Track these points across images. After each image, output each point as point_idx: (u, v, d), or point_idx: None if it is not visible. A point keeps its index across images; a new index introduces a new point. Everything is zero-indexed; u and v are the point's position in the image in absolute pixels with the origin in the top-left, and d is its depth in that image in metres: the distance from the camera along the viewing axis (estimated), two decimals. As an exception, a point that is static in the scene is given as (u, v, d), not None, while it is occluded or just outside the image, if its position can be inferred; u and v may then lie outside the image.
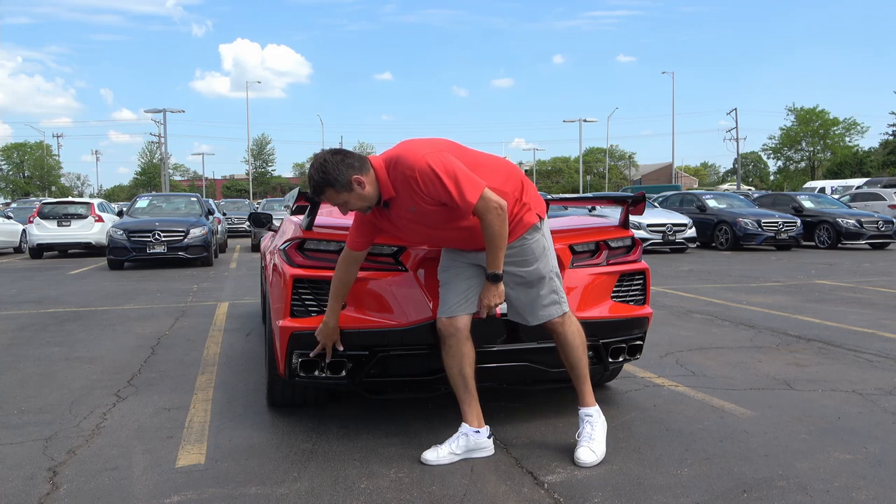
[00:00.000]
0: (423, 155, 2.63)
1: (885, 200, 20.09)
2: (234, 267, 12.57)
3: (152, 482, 2.69)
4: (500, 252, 2.73)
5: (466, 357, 2.91)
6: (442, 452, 2.88)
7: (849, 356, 4.82)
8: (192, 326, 6.19)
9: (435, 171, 2.59)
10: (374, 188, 2.70)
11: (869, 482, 2.65)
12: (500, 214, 2.66)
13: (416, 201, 2.69)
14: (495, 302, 2.83)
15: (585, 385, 3.00)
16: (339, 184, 2.64)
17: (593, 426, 2.94)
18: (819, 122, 62.41)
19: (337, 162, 2.64)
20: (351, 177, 2.64)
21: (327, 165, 2.64)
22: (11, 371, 4.56)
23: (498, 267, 2.77)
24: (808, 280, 9.63)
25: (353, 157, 2.68)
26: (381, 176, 2.70)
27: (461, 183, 2.60)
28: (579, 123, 54.75)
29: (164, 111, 46.29)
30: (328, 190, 2.67)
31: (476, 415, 2.95)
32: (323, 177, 2.64)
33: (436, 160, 2.62)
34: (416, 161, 2.62)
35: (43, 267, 13.04)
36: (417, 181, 2.62)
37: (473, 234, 2.79)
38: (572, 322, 2.97)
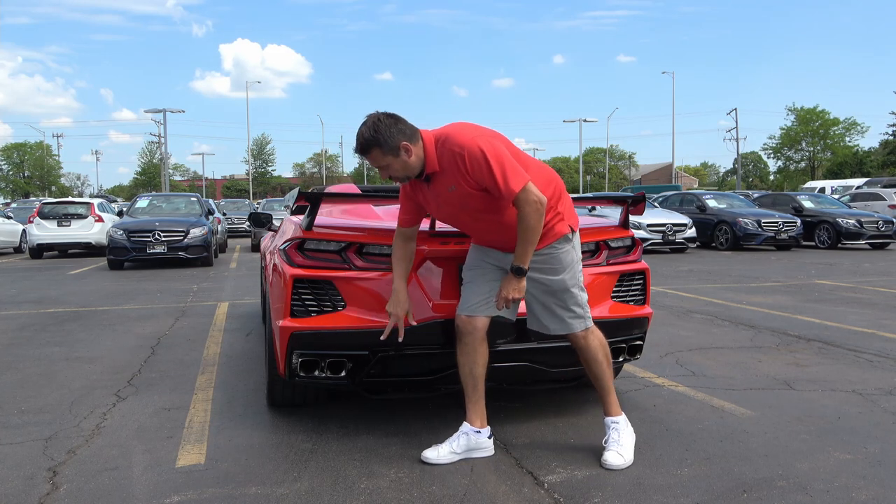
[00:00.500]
0: (474, 137, 2.66)
1: (885, 200, 20.09)
2: (234, 267, 12.57)
3: (152, 482, 2.69)
4: (529, 247, 2.72)
5: (480, 357, 2.92)
6: (442, 451, 2.88)
7: (849, 356, 4.82)
8: (192, 326, 6.19)
9: (484, 154, 2.61)
10: (420, 160, 2.73)
11: (869, 482, 2.65)
12: (539, 209, 2.66)
13: (458, 181, 2.70)
14: (514, 296, 2.80)
15: (610, 396, 2.99)
16: (388, 146, 2.67)
17: (620, 433, 2.91)
18: (819, 122, 62.42)
19: (390, 124, 2.67)
20: (400, 142, 2.67)
21: (380, 125, 2.66)
22: (11, 371, 4.56)
23: (524, 261, 2.75)
24: (808, 280, 9.63)
25: (405, 124, 2.71)
26: (429, 149, 2.72)
27: (507, 170, 2.62)
28: (579, 123, 54.80)
29: (164, 111, 46.34)
30: (374, 150, 2.68)
31: (479, 415, 2.95)
32: (373, 135, 2.65)
33: (486, 144, 2.64)
34: (467, 141, 2.65)
35: (43, 267, 13.04)
36: (465, 160, 2.64)
37: (505, 230, 2.80)
38: (595, 336, 2.96)
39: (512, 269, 2.78)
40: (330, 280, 3.08)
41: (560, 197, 2.88)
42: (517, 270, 2.77)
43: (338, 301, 3.08)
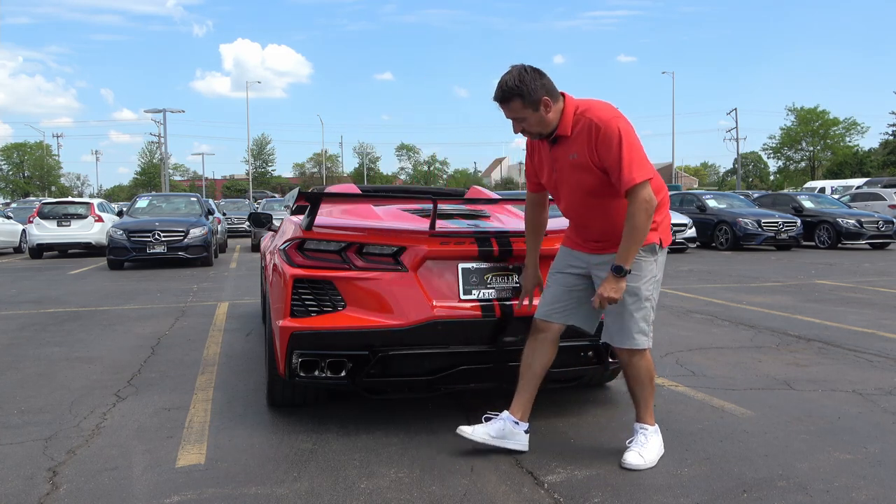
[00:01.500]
0: (616, 117, 2.69)
1: (885, 200, 20.09)
2: (234, 267, 12.57)
3: (152, 482, 2.69)
4: (633, 246, 2.70)
5: (546, 356, 2.96)
6: (478, 430, 2.92)
7: (849, 356, 4.82)
8: (192, 326, 6.19)
9: (620, 135, 2.63)
10: (556, 119, 2.73)
11: (869, 482, 2.65)
12: (647, 209, 2.66)
13: (581, 150, 2.71)
14: (612, 296, 2.74)
15: (647, 408, 2.96)
16: (530, 99, 2.66)
17: (647, 437, 2.89)
18: (819, 122, 62.40)
19: (535, 77, 2.67)
20: (542, 96, 2.67)
21: (525, 76, 2.65)
22: (11, 371, 4.56)
23: (626, 261, 2.71)
24: (808, 280, 9.63)
25: (549, 80, 2.71)
26: (567, 112, 2.74)
27: (634, 159, 2.63)
28: (579, 123, 54.60)
29: (164, 111, 46.31)
30: (516, 100, 2.68)
31: (522, 408, 2.97)
32: (518, 85, 2.65)
33: (625, 127, 2.66)
34: (609, 118, 2.67)
35: (43, 267, 13.04)
36: (600, 134, 2.65)
37: (603, 220, 2.81)
38: (647, 360, 2.92)
39: (613, 268, 2.73)
40: (330, 280, 3.08)
41: (661, 208, 2.84)
42: (618, 270, 2.72)
43: (338, 301, 3.08)
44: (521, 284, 3.14)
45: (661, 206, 2.84)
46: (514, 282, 3.23)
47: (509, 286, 3.21)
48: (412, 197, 4.39)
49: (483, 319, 3.09)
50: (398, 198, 4.31)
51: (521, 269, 3.25)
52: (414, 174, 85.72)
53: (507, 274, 3.22)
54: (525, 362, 2.97)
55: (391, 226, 3.28)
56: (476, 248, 3.18)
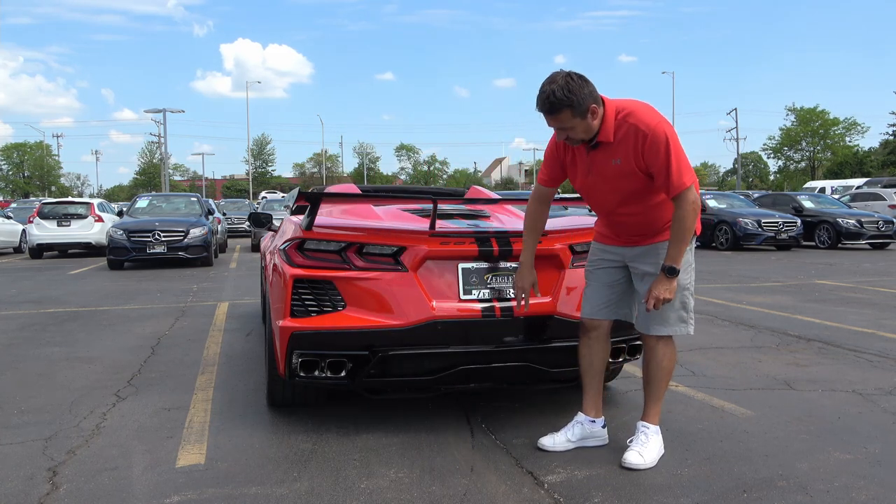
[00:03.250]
0: (661, 121, 2.66)
1: (885, 200, 20.08)
2: (234, 267, 12.57)
3: (152, 482, 2.69)
4: (683, 246, 2.73)
5: (602, 352, 3.01)
6: (558, 440, 2.95)
7: (849, 356, 4.82)
8: (192, 326, 6.19)
9: (668, 141, 2.61)
10: (599, 125, 2.69)
11: (869, 482, 2.65)
12: (696, 210, 2.69)
13: (627, 156, 2.68)
14: (665, 297, 2.75)
15: (655, 405, 2.97)
16: (580, 108, 2.61)
17: (648, 437, 2.90)
18: (819, 122, 62.40)
19: (582, 85, 2.60)
20: (591, 104, 2.62)
21: (573, 85, 2.58)
22: (11, 371, 4.56)
23: (677, 261, 2.73)
24: (808, 280, 9.63)
25: (593, 86, 2.65)
26: (608, 117, 2.69)
27: (682, 164, 2.63)
28: (579, 123, 54.66)
29: (164, 111, 46.33)
30: (565, 111, 2.61)
31: (594, 405, 3.01)
32: (567, 96, 2.58)
33: (671, 133, 2.65)
34: (654, 123, 2.64)
35: (43, 267, 13.04)
36: (647, 140, 2.62)
37: (642, 220, 2.82)
38: (671, 346, 2.96)
39: (665, 269, 2.74)
40: (330, 280, 3.08)
41: None
42: (670, 270, 2.73)
43: (338, 301, 3.08)
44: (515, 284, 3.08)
45: None
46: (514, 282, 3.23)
47: (509, 286, 3.21)
48: (412, 197, 4.38)
49: (483, 319, 3.09)
50: (398, 198, 4.31)
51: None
52: (414, 174, 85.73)
53: (507, 274, 3.22)
54: (583, 362, 3.02)
55: (391, 226, 3.28)
56: (476, 248, 3.18)
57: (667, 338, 2.93)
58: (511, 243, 3.21)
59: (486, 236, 3.23)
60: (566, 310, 3.20)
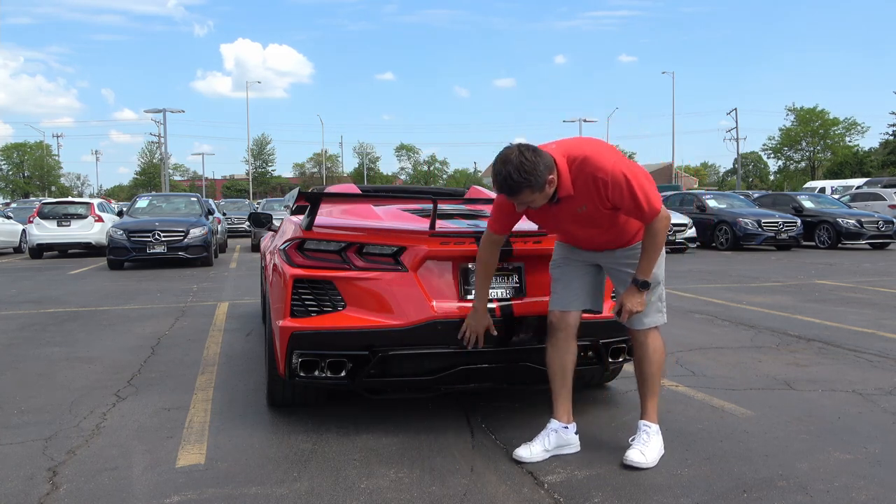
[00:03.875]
0: (615, 162, 2.64)
1: (885, 200, 20.08)
2: (234, 267, 12.57)
3: (152, 482, 2.69)
4: (655, 260, 2.80)
5: (570, 353, 2.98)
6: (535, 449, 2.91)
7: (849, 356, 4.82)
8: (192, 326, 6.19)
9: (628, 180, 2.61)
10: (556, 186, 2.67)
11: (869, 482, 2.65)
12: (668, 226, 2.76)
13: (590, 201, 2.68)
14: (637, 309, 2.83)
15: (653, 401, 3.00)
16: (538, 185, 2.58)
17: (650, 436, 2.91)
18: (819, 122, 62.40)
19: (536, 161, 2.55)
20: (547, 177, 2.60)
21: (527, 166, 2.54)
22: (11, 371, 4.56)
23: (649, 275, 2.81)
24: (808, 280, 9.63)
25: (545, 156, 2.60)
26: (563, 174, 2.66)
27: (648, 193, 2.65)
28: (579, 123, 54.80)
29: (164, 111, 46.31)
30: (526, 191, 2.59)
31: (566, 410, 2.99)
32: (524, 178, 2.54)
33: (628, 169, 2.64)
34: (610, 167, 2.62)
35: (43, 267, 13.04)
36: (608, 186, 2.62)
37: (615, 237, 2.86)
38: (658, 337, 3.01)
39: (637, 283, 2.81)
40: (330, 280, 3.08)
41: None
42: (642, 284, 2.80)
43: (338, 301, 3.08)
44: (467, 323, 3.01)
45: None
46: (514, 282, 3.23)
47: (509, 286, 3.21)
48: (412, 197, 4.38)
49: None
50: (398, 198, 4.31)
51: (520, 269, 3.25)
52: (414, 174, 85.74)
53: (506, 274, 3.22)
54: (553, 365, 2.98)
55: (391, 226, 3.28)
56: (476, 248, 3.17)
57: (654, 330, 2.98)
58: (511, 243, 3.21)
59: (486, 236, 3.22)
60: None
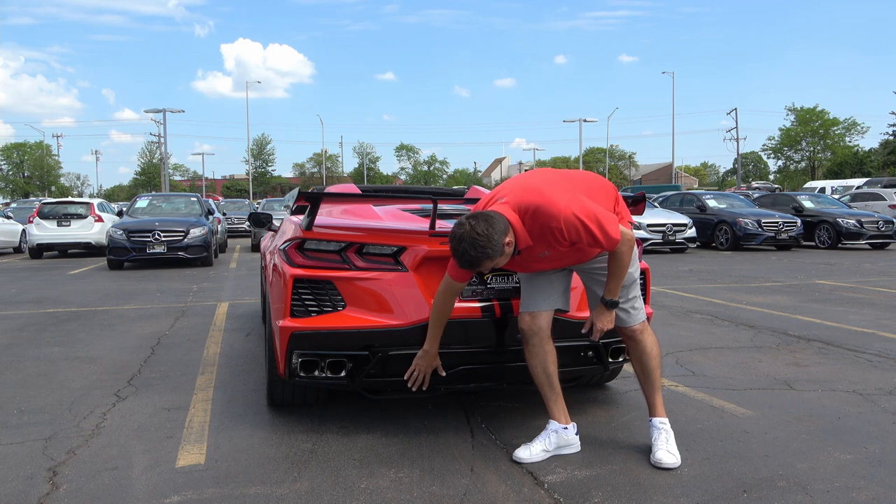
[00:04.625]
0: (566, 204, 2.64)
1: (885, 200, 20.08)
2: (234, 267, 12.57)
3: (152, 482, 2.69)
4: (621, 281, 2.82)
5: (549, 355, 2.96)
6: (535, 450, 2.91)
7: (849, 356, 4.82)
8: (192, 326, 6.19)
9: (581, 220, 2.63)
10: (514, 243, 2.71)
11: (869, 482, 2.65)
12: (632, 247, 2.78)
13: (551, 247, 2.73)
14: (607, 327, 2.90)
15: (658, 396, 3.03)
16: (496, 252, 2.63)
17: (669, 432, 2.95)
18: (819, 122, 62.39)
19: (489, 233, 2.59)
20: (503, 242, 2.63)
21: (481, 240, 2.58)
22: (11, 371, 4.56)
23: (617, 294, 2.86)
24: (808, 280, 9.63)
25: (497, 222, 2.61)
26: (517, 229, 2.70)
27: (604, 225, 2.65)
28: (579, 123, 54.88)
29: (164, 111, 46.30)
30: (486, 262, 2.65)
31: (562, 411, 2.99)
32: (482, 252, 2.60)
33: (578, 207, 2.65)
34: (561, 211, 2.63)
35: (43, 267, 13.04)
36: (562, 231, 2.64)
37: (584, 255, 2.88)
38: (650, 331, 3.04)
39: (606, 302, 2.86)
40: (330, 280, 3.08)
41: (617, 200, 2.97)
42: (611, 304, 2.86)
43: (338, 301, 3.08)
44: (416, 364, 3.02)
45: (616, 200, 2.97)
46: (514, 282, 3.22)
47: (509, 286, 3.20)
48: (412, 197, 4.38)
49: (483, 319, 3.09)
50: (398, 198, 4.30)
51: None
52: (414, 174, 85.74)
53: (506, 274, 3.22)
54: (536, 371, 2.97)
55: (391, 226, 3.28)
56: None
57: (644, 325, 3.02)
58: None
59: (486, 236, 3.22)
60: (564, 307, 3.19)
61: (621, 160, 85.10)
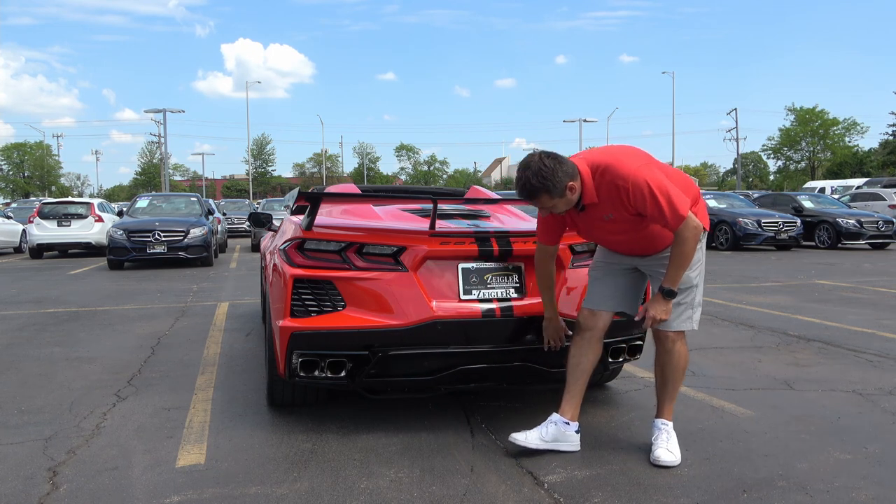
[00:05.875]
0: (637, 168, 2.65)
1: (885, 200, 20.06)
2: (234, 267, 12.57)
3: (152, 482, 2.69)
4: (682, 271, 2.77)
5: (592, 354, 2.98)
6: (531, 436, 2.92)
7: (849, 356, 4.82)
8: (192, 326, 6.19)
9: (650, 187, 2.62)
10: (579, 193, 2.72)
11: (869, 482, 2.65)
12: (697, 236, 2.72)
13: (617, 210, 2.72)
14: (662, 317, 2.83)
15: (671, 403, 3.02)
16: (557, 190, 2.65)
17: (670, 433, 2.95)
18: (819, 122, 62.37)
19: (554, 168, 2.64)
20: (567, 183, 2.66)
21: (546, 171, 2.62)
22: (11, 371, 4.56)
23: (676, 284, 2.78)
24: (808, 280, 9.63)
25: (566, 164, 2.67)
26: (586, 182, 2.71)
27: (672, 200, 2.63)
28: (579, 123, 54.86)
29: (164, 111, 46.27)
30: (544, 196, 2.67)
31: (572, 408, 2.99)
32: (542, 182, 2.63)
33: (650, 175, 2.64)
34: (631, 173, 2.64)
35: (43, 267, 13.04)
36: (629, 193, 2.64)
37: (650, 242, 2.87)
38: (683, 343, 2.99)
39: (663, 291, 2.79)
40: (330, 280, 3.08)
41: (696, 201, 2.91)
42: (668, 293, 2.79)
43: (338, 301, 3.08)
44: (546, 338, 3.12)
45: (696, 199, 2.91)
46: (514, 282, 3.23)
47: (509, 286, 3.21)
48: (412, 197, 4.38)
49: (483, 319, 3.09)
50: (398, 198, 4.30)
51: (521, 269, 3.25)
52: (414, 174, 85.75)
53: (507, 274, 3.22)
54: (573, 361, 2.99)
55: (391, 226, 3.28)
56: (476, 248, 3.18)
57: (682, 335, 2.96)
58: (511, 243, 3.21)
59: (486, 236, 3.23)
60: (566, 310, 3.20)
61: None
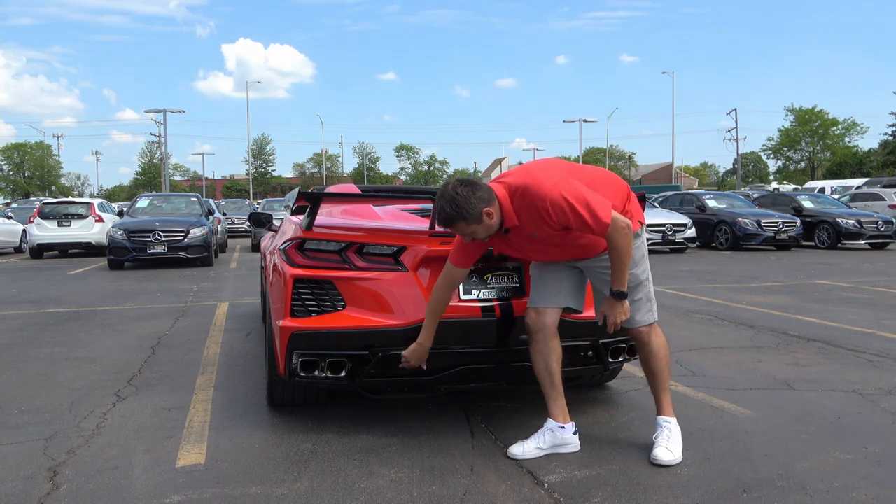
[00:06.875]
0: (554, 184, 2.65)
1: (885, 200, 20.06)
2: (234, 267, 12.57)
3: (152, 482, 2.69)
4: (625, 269, 2.78)
5: (553, 353, 2.95)
6: (528, 447, 2.91)
7: (849, 356, 4.82)
8: (192, 326, 6.19)
9: (568, 201, 2.62)
10: (499, 217, 2.73)
11: (869, 482, 2.65)
12: (627, 234, 2.72)
13: (540, 228, 2.72)
14: (621, 319, 2.86)
15: (666, 395, 3.04)
16: (472, 217, 2.66)
17: (671, 430, 2.95)
18: (818, 123, 62.40)
19: (468, 195, 2.65)
20: (482, 209, 2.67)
21: (458, 199, 2.64)
22: (11, 371, 4.56)
23: (624, 285, 2.80)
24: (808, 280, 9.63)
25: (481, 190, 2.69)
26: (505, 206, 2.73)
27: (594, 208, 2.63)
28: (579, 123, 54.86)
29: (165, 111, 46.28)
30: (460, 222, 2.68)
31: (561, 410, 2.98)
32: (456, 210, 2.65)
33: (567, 189, 2.64)
34: (548, 191, 2.64)
35: (43, 267, 13.04)
36: (549, 212, 2.64)
37: (586, 249, 2.87)
38: (659, 333, 3.03)
39: (614, 294, 2.82)
40: (330, 280, 3.08)
41: (628, 198, 2.93)
42: (619, 294, 2.82)
43: (338, 301, 3.08)
44: (405, 356, 2.99)
45: (628, 197, 2.93)
46: (514, 282, 3.23)
47: (509, 286, 3.21)
48: (412, 197, 4.38)
49: (483, 319, 3.10)
50: (398, 198, 4.30)
51: (520, 269, 3.24)
52: (414, 174, 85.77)
53: (506, 274, 3.22)
54: (539, 367, 2.97)
55: (391, 226, 3.28)
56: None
57: (653, 327, 3.01)
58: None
59: (486, 236, 3.22)
60: (566, 310, 3.19)
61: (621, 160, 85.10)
